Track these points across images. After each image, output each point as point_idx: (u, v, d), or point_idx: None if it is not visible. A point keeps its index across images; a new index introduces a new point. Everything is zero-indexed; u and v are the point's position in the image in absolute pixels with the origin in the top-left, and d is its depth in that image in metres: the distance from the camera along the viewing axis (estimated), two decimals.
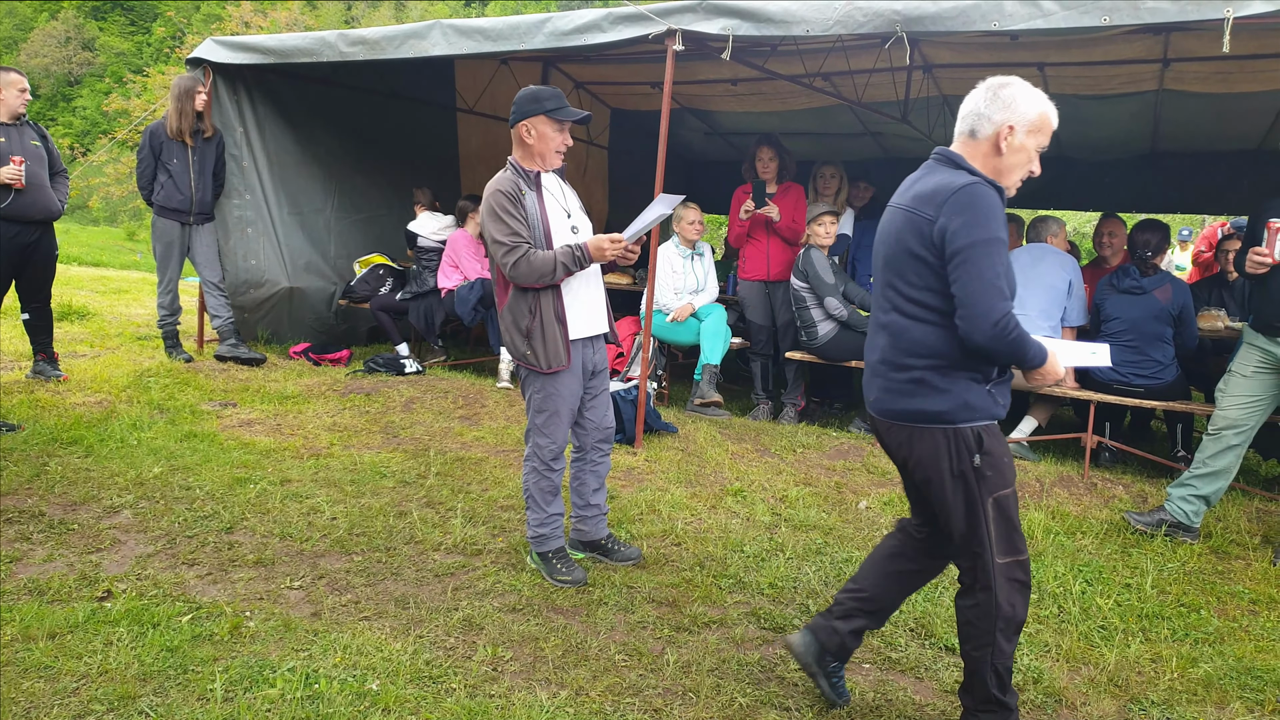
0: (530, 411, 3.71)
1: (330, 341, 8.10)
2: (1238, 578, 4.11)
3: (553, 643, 3.19)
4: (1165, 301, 5.41)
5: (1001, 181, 2.68)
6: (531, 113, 3.55)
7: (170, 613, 3.22)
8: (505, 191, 3.52)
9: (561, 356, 3.58)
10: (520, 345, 3.60)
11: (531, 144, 3.58)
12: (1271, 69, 6.73)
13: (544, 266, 3.46)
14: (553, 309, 3.57)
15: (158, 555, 3.75)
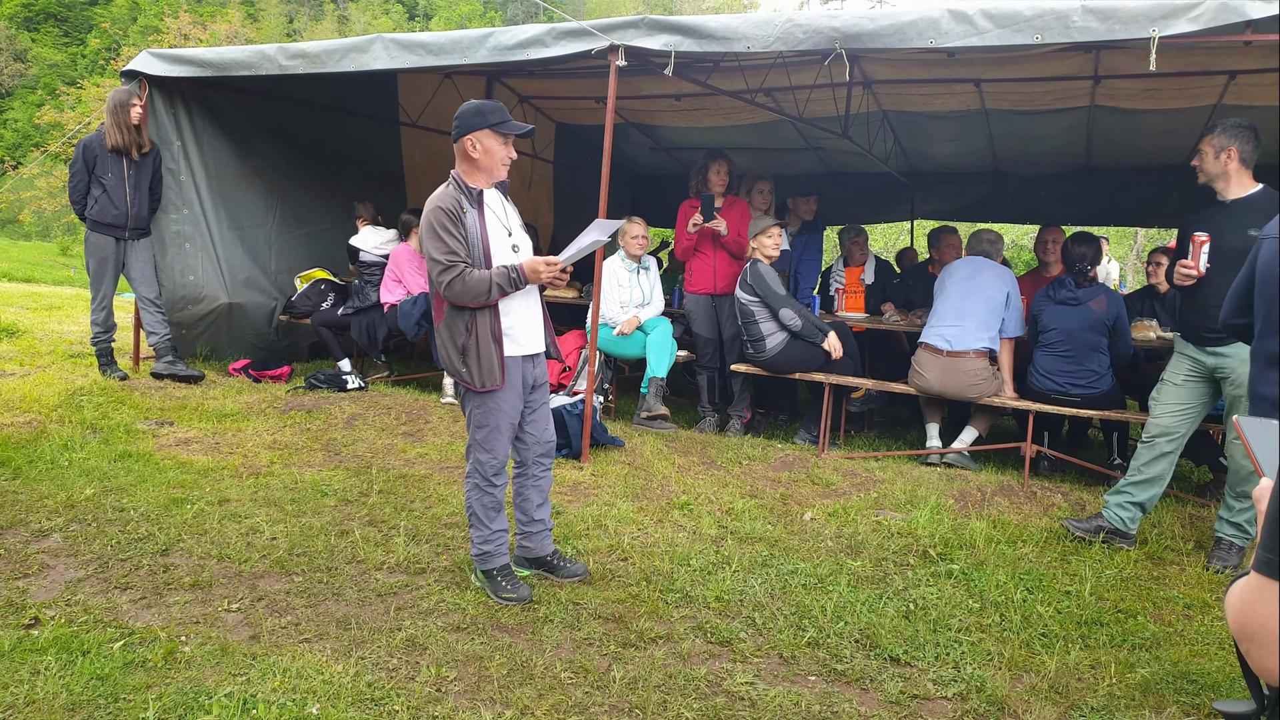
0: (470, 427, 3.70)
1: (271, 358, 7.96)
2: (1173, 583, 4.20)
3: (497, 661, 3.16)
4: (1100, 312, 5.55)
5: None
6: (476, 126, 3.53)
7: (101, 639, 3.12)
8: (446, 209, 3.50)
9: (496, 375, 3.56)
10: (456, 363, 3.58)
11: (477, 158, 3.56)
12: (1196, 86, 6.98)
13: (479, 286, 3.45)
14: (489, 328, 3.55)
15: (89, 580, 3.64)
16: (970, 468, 5.90)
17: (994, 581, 4.00)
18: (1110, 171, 9.70)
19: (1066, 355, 5.61)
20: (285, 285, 8.25)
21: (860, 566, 4.16)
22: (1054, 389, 5.63)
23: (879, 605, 3.74)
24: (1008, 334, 5.91)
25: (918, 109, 8.61)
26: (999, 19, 4.73)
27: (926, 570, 4.15)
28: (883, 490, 5.27)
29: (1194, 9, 4.38)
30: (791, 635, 3.45)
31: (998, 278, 5.95)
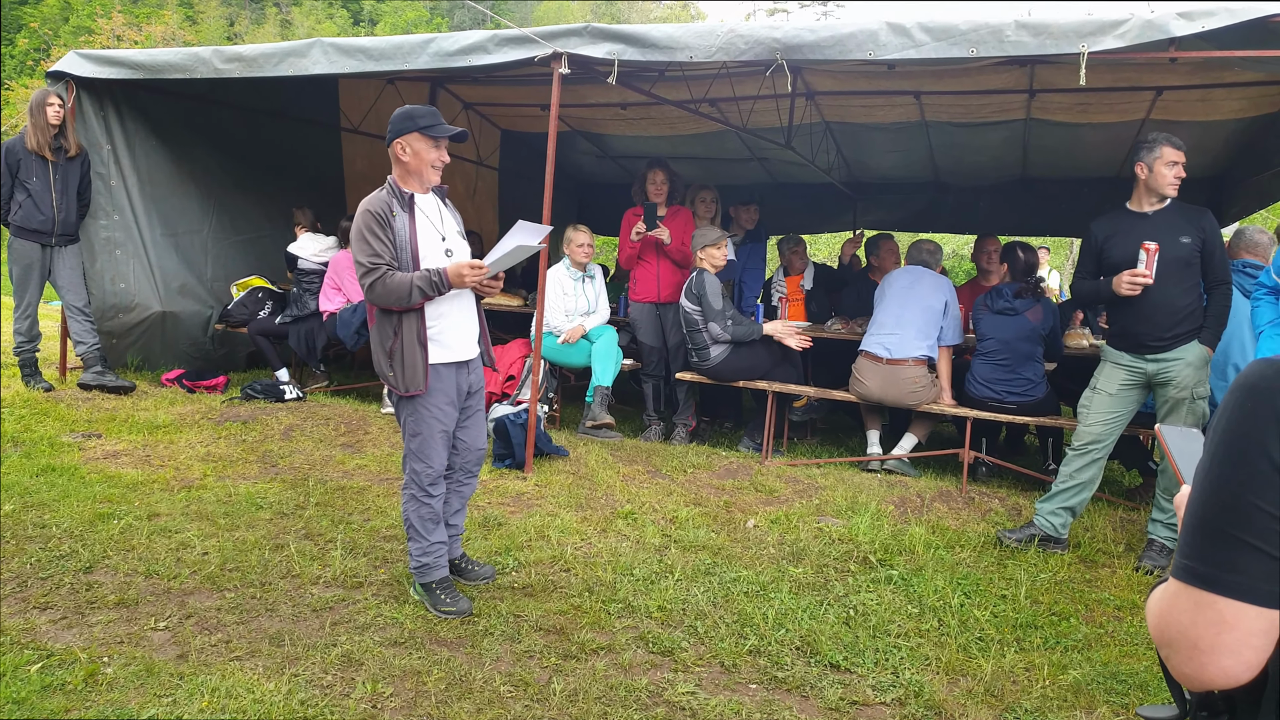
0: (405, 436, 3.67)
1: (206, 368, 7.78)
2: (1104, 585, 4.29)
3: (435, 676, 3.11)
4: (1036, 322, 5.67)
5: None
6: (405, 130, 3.53)
7: (17, 661, 3.00)
8: (374, 212, 3.50)
9: (419, 380, 3.54)
10: (384, 366, 3.58)
11: (408, 161, 3.57)
12: (1125, 101, 7.17)
13: (400, 289, 3.44)
14: (415, 332, 3.54)
15: (6, 599, 3.51)
16: (910, 474, 5.98)
17: (932, 587, 4.05)
18: (1046, 183, 9.92)
19: (1003, 364, 5.72)
20: (221, 293, 8.08)
21: (802, 573, 4.18)
22: (991, 396, 5.74)
23: (820, 612, 3.75)
24: (945, 342, 6.01)
25: (859, 120, 8.71)
26: (936, 32, 4.81)
27: (866, 576, 4.18)
28: (824, 497, 5.31)
29: (1120, 26, 4.50)
30: (733, 644, 3.45)
31: (936, 287, 6.05)
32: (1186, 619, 1.05)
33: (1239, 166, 8.32)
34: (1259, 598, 1.01)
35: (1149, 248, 4.37)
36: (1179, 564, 1.07)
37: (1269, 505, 1.00)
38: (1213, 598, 1.03)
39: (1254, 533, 1.00)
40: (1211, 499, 1.05)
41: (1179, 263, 4.37)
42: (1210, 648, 1.03)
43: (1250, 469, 1.01)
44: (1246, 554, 1.01)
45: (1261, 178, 7.94)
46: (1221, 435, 1.06)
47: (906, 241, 7.62)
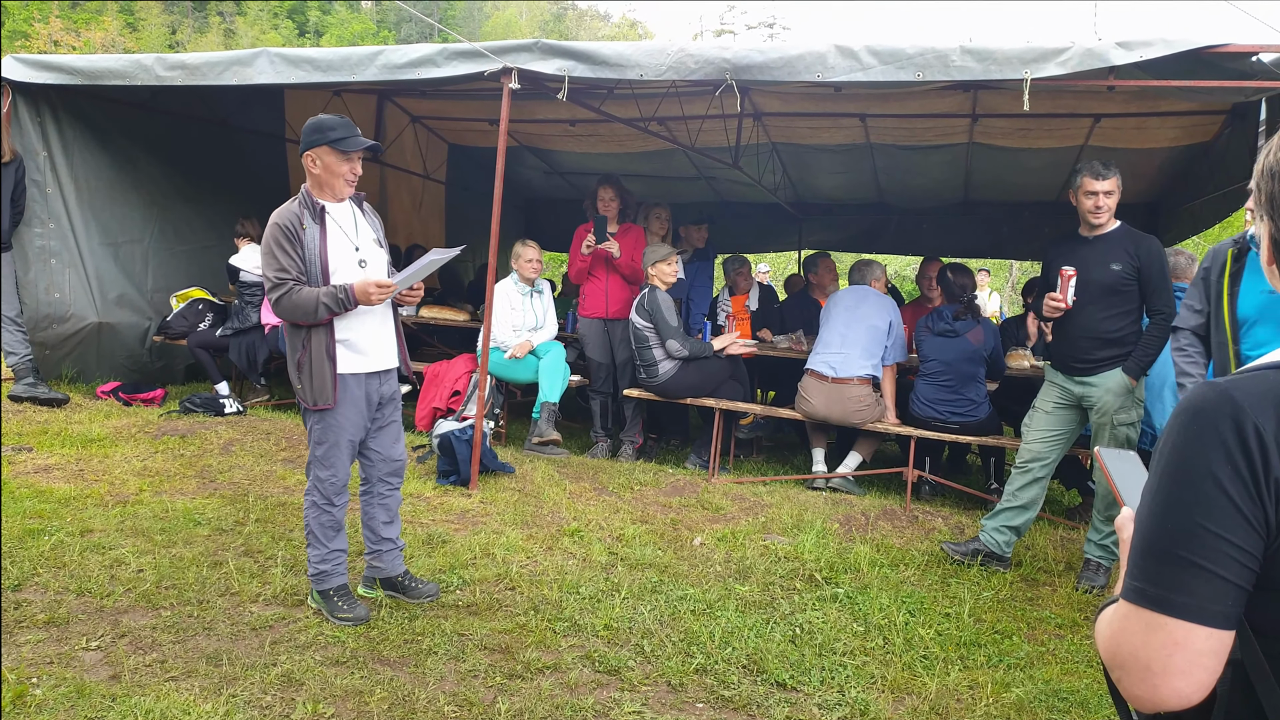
0: (310, 444, 3.65)
1: (143, 380, 7.60)
2: (1045, 603, 4.35)
3: (378, 696, 3.05)
4: (977, 344, 5.78)
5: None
6: (315, 143, 3.52)
7: None
8: (282, 225, 3.49)
9: (328, 394, 3.53)
10: (294, 377, 3.59)
11: (318, 174, 3.56)
12: (1065, 128, 7.39)
13: (306, 305, 3.44)
14: (323, 346, 3.53)
15: None
16: (855, 492, 6.04)
17: (877, 605, 4.08)
18: (987, 206, 10.16)
19: (946, 385, 5.82)
20: (161, 304, 7.90)
21: (748, 591, 4.19)
22: (934, 416, 5.84)
23: (766, 630, 3.76)
24: (890, 361, 6.10)
25: (805, 141, 8.84)
26: (883, 56, 4.90)
27: (812, 594, 4.20)
28: (770, 515, 5.34)
29: (1062, 54, 4.64)
30: (680, 662, 3.44)
31: (880, 307, 6.14)
32: (1138, 640, 1.07)
33: (1173, 193, 8.62)
34: (1209, 618, 1.03)
35: (1064, 273, 4.49)
36: (1129, 586, 1.09)
37: (1216, 527, 1.02)
38: (1163, 619, 1.04)
39: (1202, 554, 1.02)
40: (1160, 521, 1.07)
41: (1104, 289, 4.45)
42: (1162, 669, 1.05)
43: (1196, 491, 1.04)
44: (1196, 575, 1.03)
45: (1194, 205, 8.22)
46: (1168, 458, 1.08)
47: (849, 261, 7.74)
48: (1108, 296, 4.45)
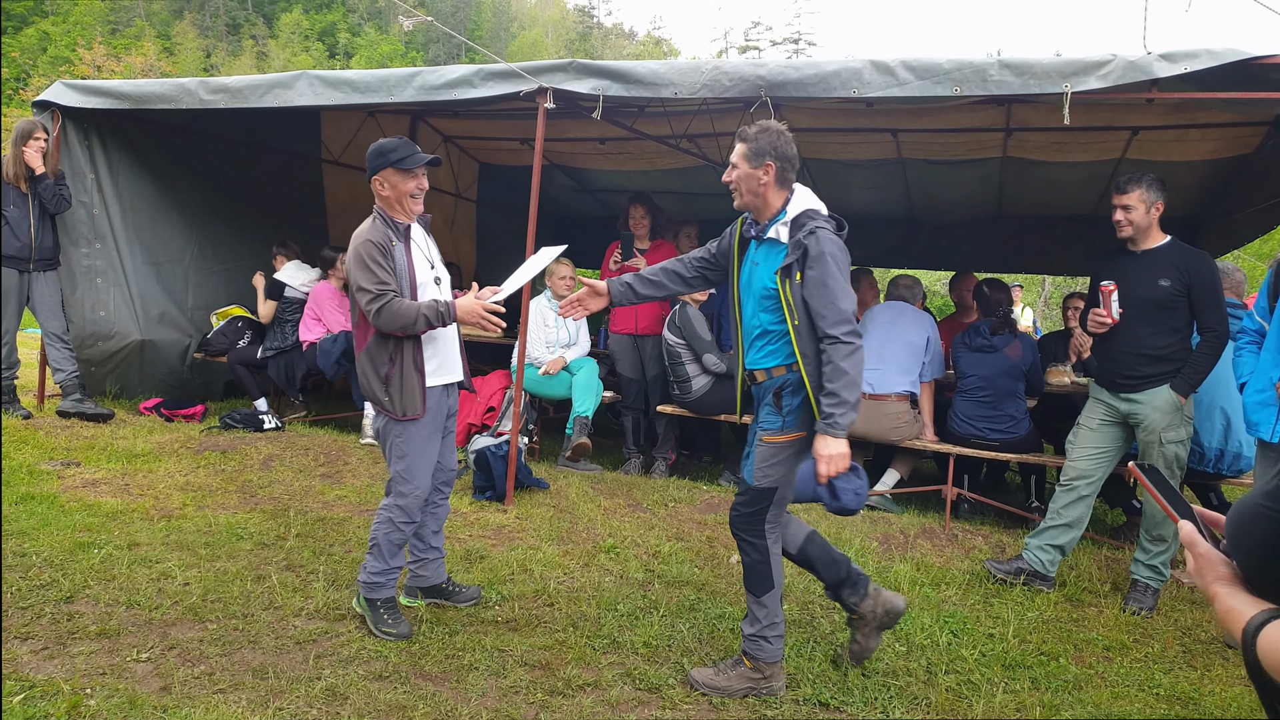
0: (392, 460, 3.69)
1: (184, 397, 7.72)
2: (1092, 625, 4.28)
3: (421, 711, 3.08)
4: (1016, 359, 5.73)
5: None
6: (380, 167, 3.63)
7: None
8: (376, 242, 3.57)
9: (417, 405, 3.61)
10: (378, 391, 3.62)
11: (388, 195, 3.65)
12: (1101, 141, 7.31)
13: (406, 316, 3.51)
14: (411, 358, 3.61)
15: None
16: (893, 510, 5.99)
17: (919, 625, 4.05)
18: (1020, 220, 10.07)
19: (985, 401, 5.76)
20: (201, 322, 8.04)
21: (787, 610, 4.17)
22: (973, 433, 5.78)
23: (806, 650, 3.75)
24: (927, 377, 6.06)
25: (836, 157, 8.84)
26: (919, 71, 4.89)
27: None
28: None
29: (1104, 67, 4.59)
30: None
31: (917, 323, 6.11)
32: None
33: (1213, 207, 8.50)
34: None
35: (1105, 288, 4.44)
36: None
37: None
38: None
39: None
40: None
41: (1151, 305, 4.38)
42: None
43: None
44: None
45: (1234, 219, 8.11)
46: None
47: (881, 276, 7.72)
48: (1155, 312, 4.38)
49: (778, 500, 3.32)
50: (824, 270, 3.15)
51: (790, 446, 3.31)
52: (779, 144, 3.29)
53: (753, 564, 3.36)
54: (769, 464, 3.32)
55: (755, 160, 3.30)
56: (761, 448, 3.35)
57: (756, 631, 3.38)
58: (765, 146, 3.28)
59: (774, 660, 3.39)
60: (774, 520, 3.35)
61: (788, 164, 3.32)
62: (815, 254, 3.17)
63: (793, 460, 3.30)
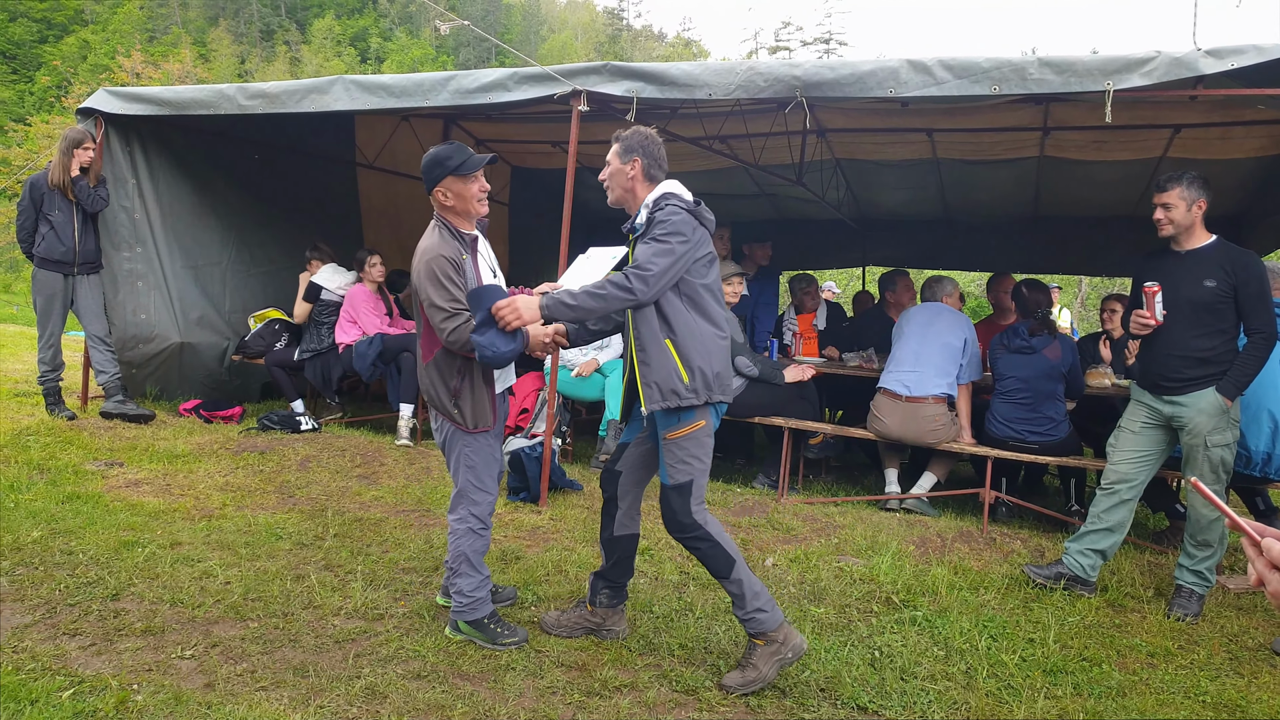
0: (461, 470, 3.66)
1: (222, 398, 7.82)
2: (1135, 630, 4.21)
3: (460, 710, 3.10)
4: (1055, 360, 5.64)
5: None
6: (439, 178, 3.57)
7: (50, 687, 3.01)
8: (449, 258, 3.52)
9: (488, 416, 3.61)
10: (447, 404, 3.58)
11: (452, 204, 3.60)
12: (1142, 139, 7.21)
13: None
14: (480, 370, 3.59)
15: (36, 625, 3.52)
16: (929, 513, 5.94)
17: (958, 628, 4.01)
18: (1057, 221, 9.97)
19: (1023, 403, 5.69)
20: (239, 325, 8.15)
21: (824, 613, 4.16)
22: (1012, 436, 5.71)
23: (844, 653, 3.72)
24: (965, 379, 5.99)
25: (870, 157, 8.80)
26: (957, 70, 4.84)
27: (890, 617, 4.15)
28: (843, 536, 5.29)
29: (1147, 64, 4.51)
30: None
31: (955, 324, 6.04)
32: None
33: (1257, 205, 8.35)
34: None
35: (1148, 289, 4.35)
36: None
37: None
38: None
39: None
40: None
41: (1196, 306, 4.29)
42: None
43: None
44: None
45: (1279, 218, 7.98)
46: None
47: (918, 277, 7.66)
48: (1199, 314, 4.28)
49: (695, 490, 3.44)
50: (655, 232, 3.32)
51: (693, 436, 3.43)
52: (646, 143, 3.52)
53: (705, 552, 3.46)
54: (678, 460, 3.44)
55: (624, 156, 3.51)
56: (667, 446, 3.46)
57: (746, 612, 3.44)
58: (634, 144, 3.51)
59: (778, 624, 3.45)
60: (699, 508, 3.46)
61: (653, 161, 3.52)
62: (657, 222, 3.35)
63: (698, 448, 3.43)
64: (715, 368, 3.41)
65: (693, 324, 3.38)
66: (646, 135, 3.53)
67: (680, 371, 3.35)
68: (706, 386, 3.37)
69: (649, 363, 3.38)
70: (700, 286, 3.41)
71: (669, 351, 3.36)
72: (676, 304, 3.37)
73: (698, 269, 3.40)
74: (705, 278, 3.43)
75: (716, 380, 3.41)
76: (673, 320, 3.37)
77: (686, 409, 3.39)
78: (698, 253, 3.36)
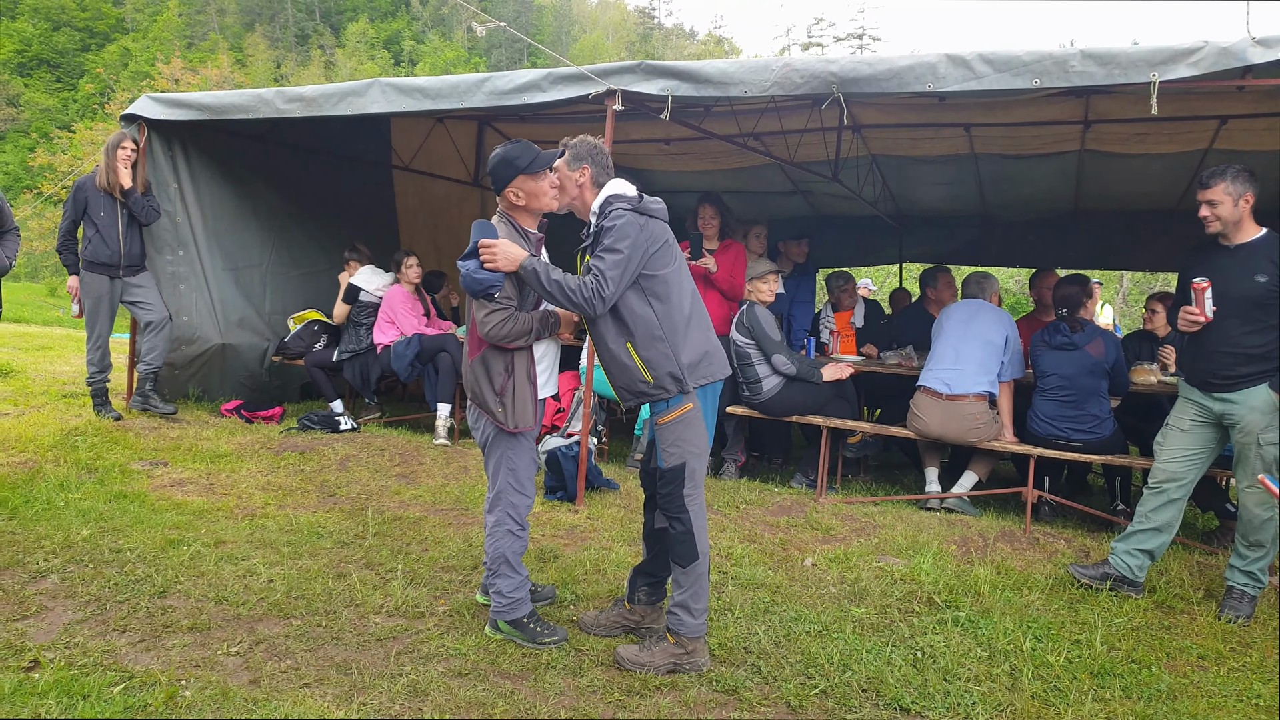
0: (502, 472, 3.67)
1: (262, 398, 7.93)
2: (1184, 632, 4.13)
3: (501, 709, 3.11)
4: (1099, 356, 5.54)
5: None
6: (509, 178, 3.57)
7: (101, 683, 3.06)
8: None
9: (529, 417, 3.61)
10: (491, 403, 3.59)
11: (523, 203, 3.62)
12: (1187, 131, 7.06)
13: (525, 327, 3.52)
14: (525, 371, 3.60)
15: (87, 622, 3.58)
16: (970, 513, 5.87)
17: (1001, 629, 3.95)
18: (1098, 215, 9.82)
19: (1067, 400, 5.60)
20: (278, 326, 8.25)
21: (864, 614, 4.12)
22: (1055, 434, 5.62)
23: (885, 653, 3.69)
24: (1006, 377, 5.91)
25: (906, 153, 8.72)
26: (997, 63, 4.77)
27: (932, 617, 4.10)
28: (883, 536, 5.25)
29: (1194, 54, 4.40)
30: (799, 684, 3.40)
31: (996, 320, 5.96)
32: None
33: None
34: None
35: (1197, 285, 4.25)
36: None
37: None
38: None
39: None
40: None
41: (1247, 302, 4.19)
42: None
43: None
44: None
45: None
46: None
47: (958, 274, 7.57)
48: (1250, 310, 4.18)
49: (689, 473, 3.47)
50: (605, 242, 3.38)
51: (681, 420, 3.47)
52: (594, 152, 3.61)
53: (677, 535, 3.50)
54: (670, 444, 3.48)
55: (573, 164, 3.60)
56: (660, 431, 3.50)
57: (680, 600, 3.49)
58: (583, 153, 3.59)
59: (696, 635, 3.49)
60: (692, 493, 3.49)
61: (601, 169, 3.61)
62: (604, 230, 3.41)
63: (688, 430, 3.46)
64: (687, 356, 3.45)
65: (654, 318, 3.43)
66: (595, 145, 3.62)
67: (642, 373, 3.43)
68: (675, 379, 3.42)
69: (610, 369, 3.51)
70: (660, 277, 3.45)
71: (629, 354, 3.45)
72: (635, 303, 3.44)
73: (655, 261, 3.44)
74: (665, 267, 3.47)
75: (690, 369, 3.45)
76: (630, 322, 3.44)
77: (675, 395, 3.45)
78: (651, 247, 3.42)
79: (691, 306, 3.51)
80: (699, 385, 3.47)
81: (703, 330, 3.53)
